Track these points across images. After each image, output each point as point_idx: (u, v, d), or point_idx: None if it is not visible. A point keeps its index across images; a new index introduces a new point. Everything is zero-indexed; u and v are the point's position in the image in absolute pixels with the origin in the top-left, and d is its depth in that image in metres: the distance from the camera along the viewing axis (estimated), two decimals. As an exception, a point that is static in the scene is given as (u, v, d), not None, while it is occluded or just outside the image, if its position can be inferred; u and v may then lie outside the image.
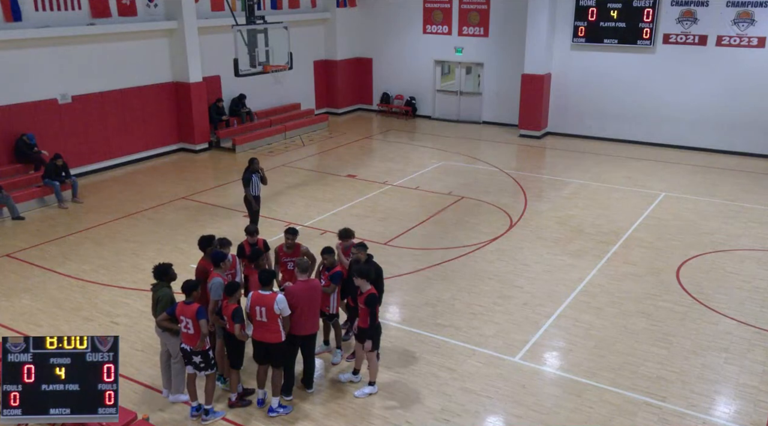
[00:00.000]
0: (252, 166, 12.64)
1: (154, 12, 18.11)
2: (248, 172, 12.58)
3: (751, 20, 18.12)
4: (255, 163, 12.69)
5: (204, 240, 8.58)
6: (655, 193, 15.74)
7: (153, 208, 14.90)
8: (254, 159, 12.78)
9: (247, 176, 12.55)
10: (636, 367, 8.67)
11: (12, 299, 10.61)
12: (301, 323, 7.70)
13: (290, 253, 8.78)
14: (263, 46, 15.55)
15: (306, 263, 7.89)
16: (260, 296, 7.41)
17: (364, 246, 8.46)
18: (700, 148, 19.46)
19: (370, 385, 8.19)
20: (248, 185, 12.53)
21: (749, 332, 9.55)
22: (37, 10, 15.50)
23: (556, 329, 9.67)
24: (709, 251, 12.36)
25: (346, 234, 8.91)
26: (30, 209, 14.68)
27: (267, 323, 7.43)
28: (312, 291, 7.75)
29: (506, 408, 7.93)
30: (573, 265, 11.77)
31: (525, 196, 15.59)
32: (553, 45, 20.95)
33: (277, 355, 7.65)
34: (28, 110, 15.57)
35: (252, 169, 12.60)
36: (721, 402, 8.05)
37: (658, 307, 10.25)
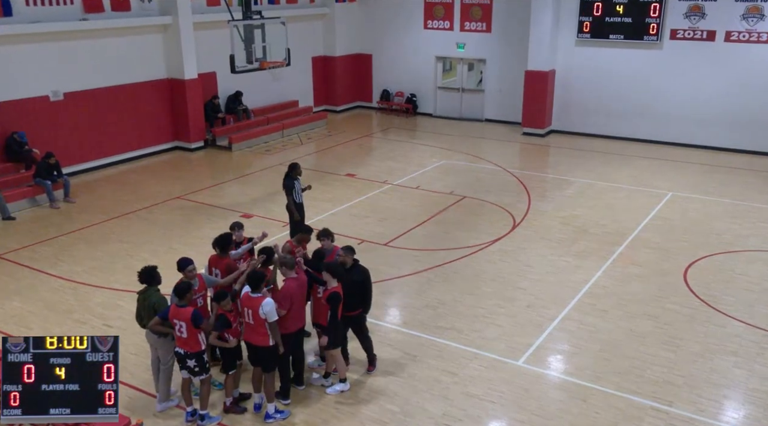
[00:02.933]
0: (294, 171, 11.92)
1: (149, 7, 18.10)
2: (290, 178, 11.87)
3: (761, 15, 18.11)
4: (297, 168, 12.02)
5: (222, 239, 8.63)
6: (662, 192, 15.74)
7: (147, 208, 14.90)
8: (296, 164, 12.08)
9: (289, 183, 11.83)
10: (642, 371, 8.67)
11: (2, 301, 10.60)
12: (293, 320, 7.75)
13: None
14: (260, 41, 15.55)
15: (292, 260, 7.84)
16: (248, 298, 7.42)
17: (351, 250, 8.41)
18: (709, 147, 19.46)
19: (341, 382, 8.26)
20: (291, 192, 11.82)
21: (758, 335, 9.54)
22: (29, 4, 15.49)
23: (561, 332, 9.67)
24: (717, 252, 12.36)
25: (324, 234, 8.74)
26: (21, 209, 14.67)
27: (254, 325, 7.45)
28: (303, 288, 7.87)
29: (509, 413, 7.93)
30: (578, 267, 11.77)
31: (528, 196, 15.59)
32: (558, 41, 20.95)
33: (266, 359, 7.63)
34: (19, 107, 15.56)
35: (294, 175, 11.89)
36: (730, 407, 8.04)
37: (664, 310, 10.25)
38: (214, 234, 10.57)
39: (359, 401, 8.13)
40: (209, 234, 13.18)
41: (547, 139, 21.20)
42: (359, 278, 8.26)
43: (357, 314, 8.37)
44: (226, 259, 8.47)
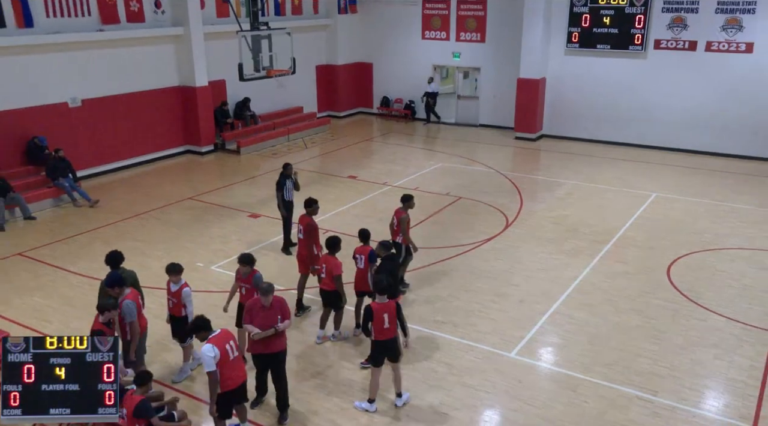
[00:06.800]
0: (286, 170, 12.18)
1: (162, 18, 18.09)
2: (282, 176, 12.15)
3: (739, 26, 18.11)
4: (289, 168, 12.23)
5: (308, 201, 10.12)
6: (646, 193, 15.73)
7: (160, 208, 14.88)
8: (288, 164, 12.31)
9: (281, 180, 12.12)
10: (629, 363, 8.67)
11: (24, 297, 10.60)
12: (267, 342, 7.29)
13: (245, 278, 8.30)
14: (267, 51, 15.53)
15: (269, 287, 7.37)
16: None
17: (386, 246, 9.05)
18: (690, 150, 19.45)
19: (369, 402, 7.77)
20: (281, 189, 12.10)
21: (738, 329, 9.55)
22: (49, 16, 15.49)
23: (551, 326, 9.66)
24: (699, 250, 12.35)
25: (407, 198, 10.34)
26: (42, 209, 14.66)
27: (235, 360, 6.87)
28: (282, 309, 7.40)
29: (503, 402, 7.92)
30: (567, 264, 11.76)
31: (521, 197, 15.57)
32: (548, 50, 20.93)
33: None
34: (40, 113, 15.55)
35: (286, 174, 12.13)
36: (711, 396, 8.05)
37: (649, 305, 10.24)
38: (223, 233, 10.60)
39: (359, 391, 8.13)
40: (218, 233, 13.30)
41: (538, 143, 21.18)
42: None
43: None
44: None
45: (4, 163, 14.80)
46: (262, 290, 7.35)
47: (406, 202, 10.35)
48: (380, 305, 7.42)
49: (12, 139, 15.10)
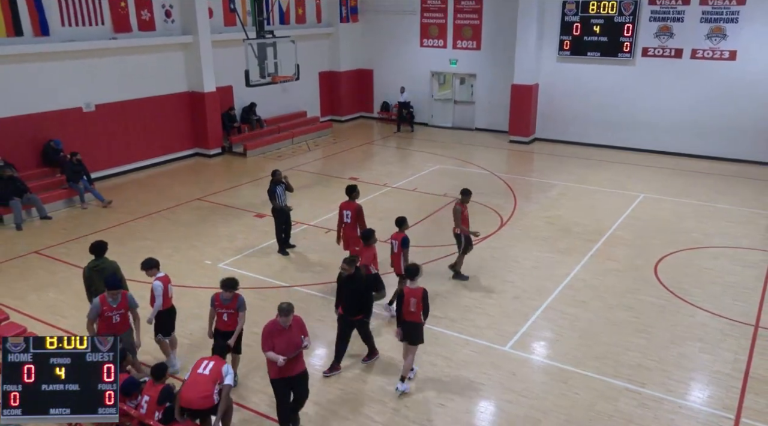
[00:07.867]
0: (275, 177, 11.75)
1: (172, 27, 18.08)
2: (272, 183, 11.73)
3: (723, 35, 18.11)
4: (278, 174, 11.79)
5: (351, 187, 10.55)
6: (634, 194, 15.72)
7: (170, 208, 14.87)
8: (276, 170, 11.88)
9: (271, 188, 11.71)
10: (618, 356, 8.66)
11: (39, 293, 10.59)
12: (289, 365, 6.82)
13: (227, 304, 7.75)
14: (272, 58, 15.53)
15: (290, 306, 6.77)
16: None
17: (352, 261, 8.20)
18: (676, 153, 19.44)
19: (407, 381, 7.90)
20: (273, 197, 11.71)
21: (722, 323, 9.55)
22: (64, 25, 15.47)
23: (544, 321, 9.66)
24: (685, 248, 12.35)
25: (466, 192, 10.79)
26: (57, 209, 14.65)
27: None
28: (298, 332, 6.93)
29: (498, 394, 7.92)
30: (560, 262, 11.75)
31: (515, 198, 15.56)
32: (541, 57, 20.92)
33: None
34: (55, 118, 15.54)
35: (275, 181, 11.72)
36: (696, 388, 8.05)
37: (638, 301, 10.24)
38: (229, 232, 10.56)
39: (361, 383, 8.13)
40: (225, 232, 13.29)
41: (531, 146, 21.17)
42: (359, 287, 8.05)
43: (359, 319, 8.24)
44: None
45: (22, 165, 14.79)
46: (282, 311, 6.67)
47: (463, 195, 10.88)
48: (410, 290, 7.74)
49: (29, 143, 15.10)
